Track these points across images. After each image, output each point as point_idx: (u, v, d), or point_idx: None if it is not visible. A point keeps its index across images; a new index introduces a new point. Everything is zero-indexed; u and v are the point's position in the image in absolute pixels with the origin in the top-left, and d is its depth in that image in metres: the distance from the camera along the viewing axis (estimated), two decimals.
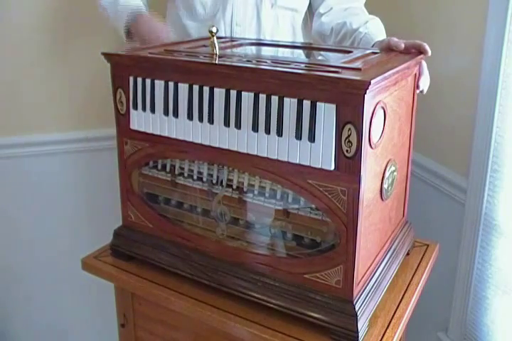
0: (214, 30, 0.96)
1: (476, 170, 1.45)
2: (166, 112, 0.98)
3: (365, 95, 0.78)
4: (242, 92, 0.88)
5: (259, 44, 1.22)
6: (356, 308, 0.88)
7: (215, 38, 0.96)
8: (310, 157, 0.84)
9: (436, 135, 1.63)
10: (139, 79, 0.99)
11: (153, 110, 0.99)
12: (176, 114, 0.96)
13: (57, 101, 1.77)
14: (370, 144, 0.83)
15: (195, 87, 0.93)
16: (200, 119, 0.94)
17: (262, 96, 0.86)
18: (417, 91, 1.05)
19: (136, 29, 1.28)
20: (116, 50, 1.03)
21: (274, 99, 0.85)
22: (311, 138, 0.83)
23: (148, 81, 0.98)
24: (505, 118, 1.36)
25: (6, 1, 1.61)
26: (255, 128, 0.88)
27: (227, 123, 0.91)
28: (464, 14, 1.48)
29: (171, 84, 0.96)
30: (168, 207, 1.07)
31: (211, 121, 0.93)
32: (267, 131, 0.87)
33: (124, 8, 1.31)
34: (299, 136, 0.84)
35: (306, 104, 0.83)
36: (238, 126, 0.90)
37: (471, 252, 1.49)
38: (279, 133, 0.86)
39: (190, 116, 0.95)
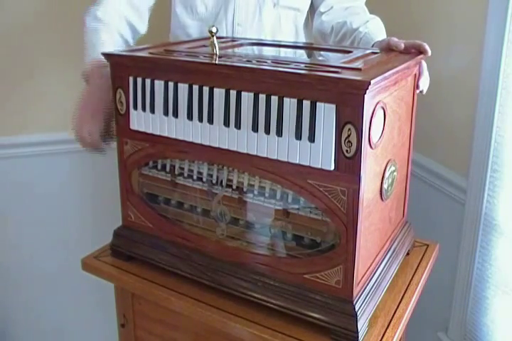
0: (214, 30, 0.96)
1: (476, 170, 1.45)
2: (165, 112, 0.98)
3: (365, 95, 0.78)
4: (242, 92, 0.88)
5: (260, 44, 1.22)
6: (356, 308, 0.88)
7: (214, 37, 0.96)
8: (310, 157, 0.84)
9: (436, 135, 1.62)
10: (139, 80, 0.99)
11: (153, 110, 0.99)
12: (175, 114, 0.96)
13: (58, 102, 1.77)
14: (370, 144, 0.83)
15: (195, 87, 0.93)
16: (200, 119, 0.94)
17: (262, 97, 0.86)
18: (417, 91, 1.05)
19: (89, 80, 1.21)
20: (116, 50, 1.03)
21: (274, 99, 0.85)
22: (311, 138, 0.83)
23: (148, 81, 0.98)
24: (505, 119, 1.36)
25: (5, 0, 1.61)
26: (255, 128, 0.88)
27: (226, 124, 0.91)
28: (464, 14, 1.48)
29: (170, 84, 0.96)
30: (168, 207, 1.07)
31: (211, 121, 0.92)
32: (267, 131, 0.87)
33: (91, 46, 1.23)
34: (298, 136, 0.84)
35: (306, 104, 0.83)
36: (238, 126, 0.90)
37: (471, 252, 1.49)
38: (279, 133, 0.86)
39: (189, 116, 0.95)
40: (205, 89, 0.92)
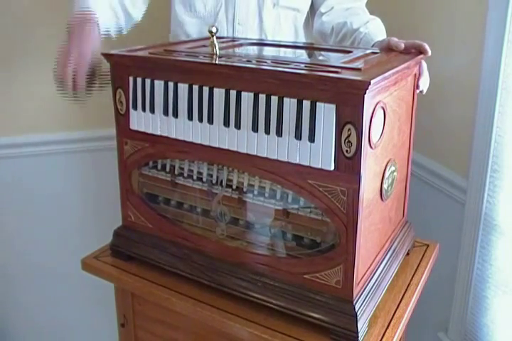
0: (214, 30, 0.96)
1: (476, 170, 1.45)
2: (165, 112, 0.98)
3: (365, 95, 0.78)
4: (242, 92, 0.88)
5: (260, 44, 1.22)
6: (356, 308, 0.88)
7: (214, 37, 0.96)
8: (310, 157, 0.84)
9: (436, 135, 1.63)
10: (139, 80, 0.99)
11: (152, 110, 0.99)
12: (175, 114, 0.96)
13: (57, 101, 1.76)
14: (370, 144, 0.83)
15: (195, 87, 0.93)
16: (200, 119, 0.94)
17: (262, 97, 0.86)
18: (417, 91, 1.05)
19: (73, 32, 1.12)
20: (116, 50, 1.03)
21: (274, 99, 0.85)
22: (311, 138, 0.83)
23: (148, 81, 0.98)
24: (505, 119, 1.36)
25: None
26: (255, 128, 0.88)
27: (226, 124, 0.91)
28: (464, 14, 1.48)
29: (170, 85, 0.96)
30: (168, 207, 1.07)
31: (211, 121, 0.93)
32: (267, 131, 0.87)
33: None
34: (298, 136, 0.84)
35: (306, 104, 0.83)
36: (238, 126, 0.90)
37: (471, 252, 1.49)
38: (279, 133, 0.86)
39: (189, 116, 0.95)
40: (205, 89, 0.92)
